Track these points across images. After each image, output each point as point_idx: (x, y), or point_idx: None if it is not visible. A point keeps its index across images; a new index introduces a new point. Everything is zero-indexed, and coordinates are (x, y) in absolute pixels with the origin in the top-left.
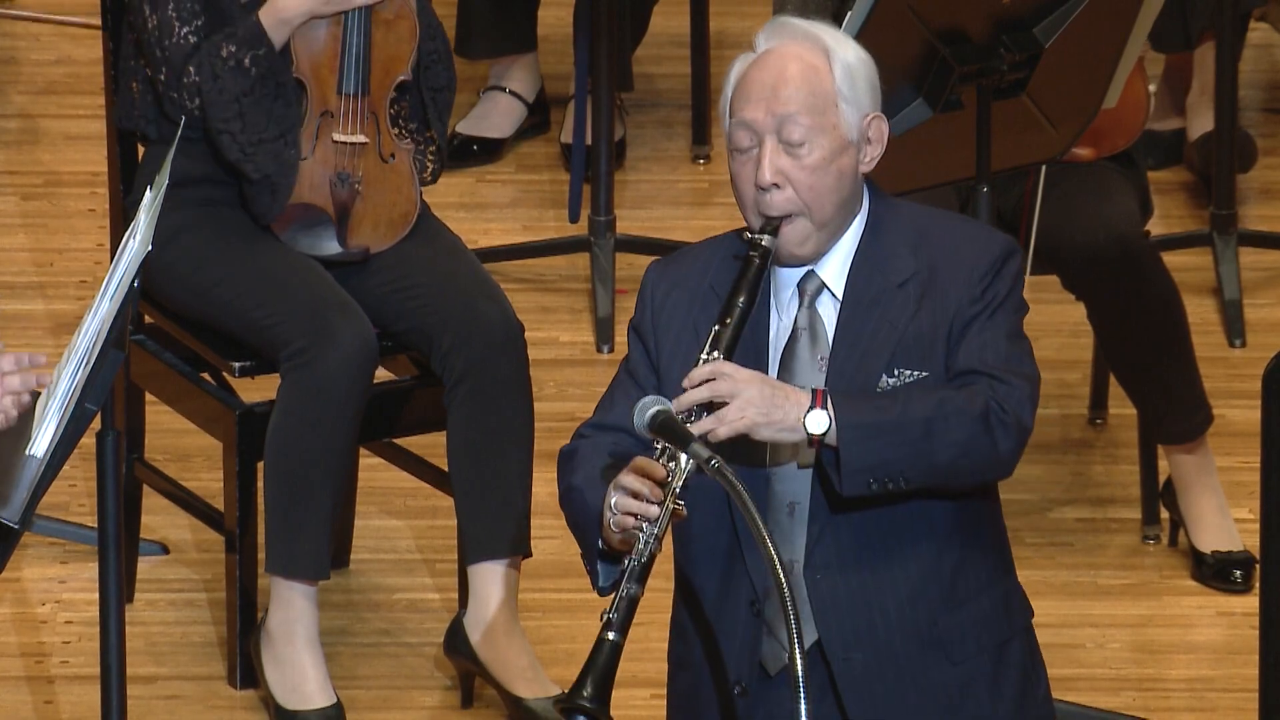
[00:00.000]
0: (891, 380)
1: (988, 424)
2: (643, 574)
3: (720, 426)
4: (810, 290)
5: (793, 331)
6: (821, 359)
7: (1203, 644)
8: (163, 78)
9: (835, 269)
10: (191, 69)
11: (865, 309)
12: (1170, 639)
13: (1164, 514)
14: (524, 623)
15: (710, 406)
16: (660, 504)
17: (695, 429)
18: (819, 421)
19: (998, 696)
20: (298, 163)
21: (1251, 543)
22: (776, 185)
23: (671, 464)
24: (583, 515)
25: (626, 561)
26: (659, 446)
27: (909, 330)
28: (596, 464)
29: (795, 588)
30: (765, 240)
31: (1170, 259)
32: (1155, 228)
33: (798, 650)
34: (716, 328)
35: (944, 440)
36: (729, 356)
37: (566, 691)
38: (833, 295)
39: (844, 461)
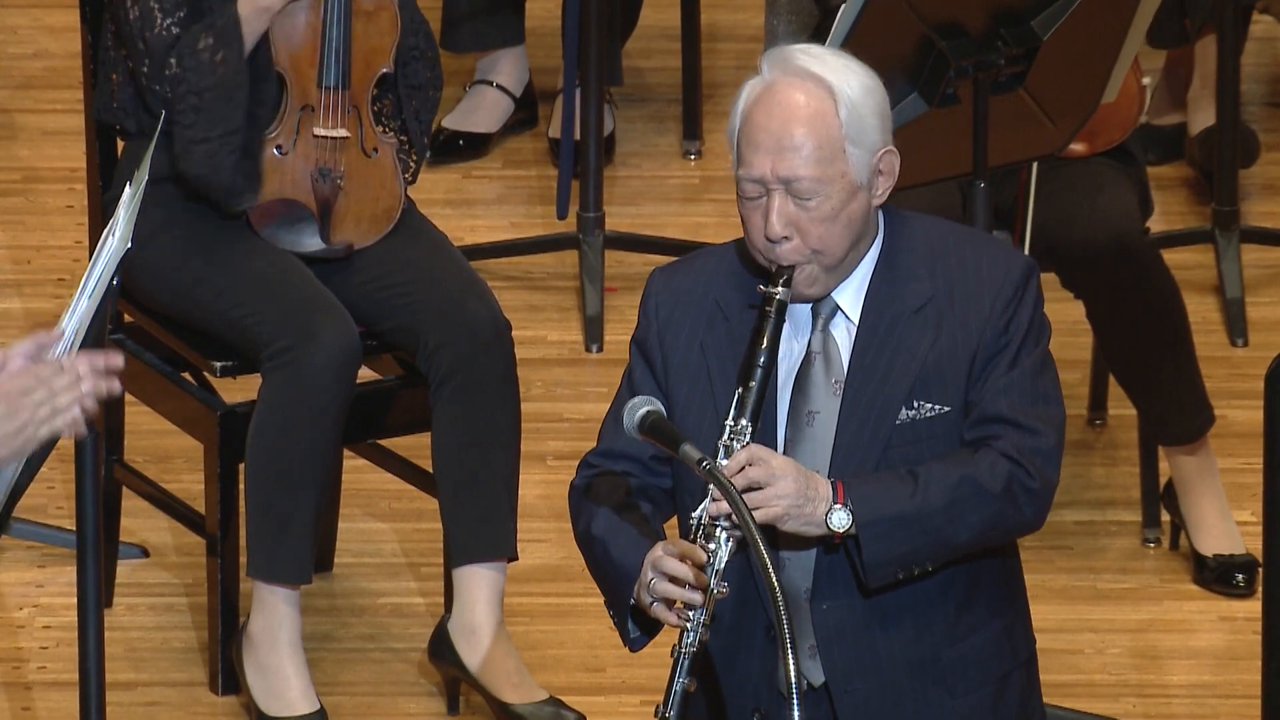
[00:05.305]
0: (910, 413)
1: (1011, 496)
2: (693, 666)
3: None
4: (825, 313)
5: (806, 355)
6: (836, 383)
7: (1204, 649)
8: (145, 69)
9: (850, 292)
10: (173, 60)
11: (882, 335)
12: (1171, 644)
13: (1165, 516)
14: (511, 628)
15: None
16: (704, 591)
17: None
18: (841, 520)
19: None
20: (230, 166)
21: (1254, 545)
22: (786, 237)
23: (711, 545)
24: (611, 570)
25: (674, 651)
26: (693, 523)
27: (929, 359)
28: (615, 508)
29: (803, 617)
30: (779, 294)
31: (1171, 256)
32: (1156, 224)
33: (790, 658)
34: (740, 391)
35: (966, 523)
36: (755, 420)
37: None
38: (847, 319)
39: (867, 558)
